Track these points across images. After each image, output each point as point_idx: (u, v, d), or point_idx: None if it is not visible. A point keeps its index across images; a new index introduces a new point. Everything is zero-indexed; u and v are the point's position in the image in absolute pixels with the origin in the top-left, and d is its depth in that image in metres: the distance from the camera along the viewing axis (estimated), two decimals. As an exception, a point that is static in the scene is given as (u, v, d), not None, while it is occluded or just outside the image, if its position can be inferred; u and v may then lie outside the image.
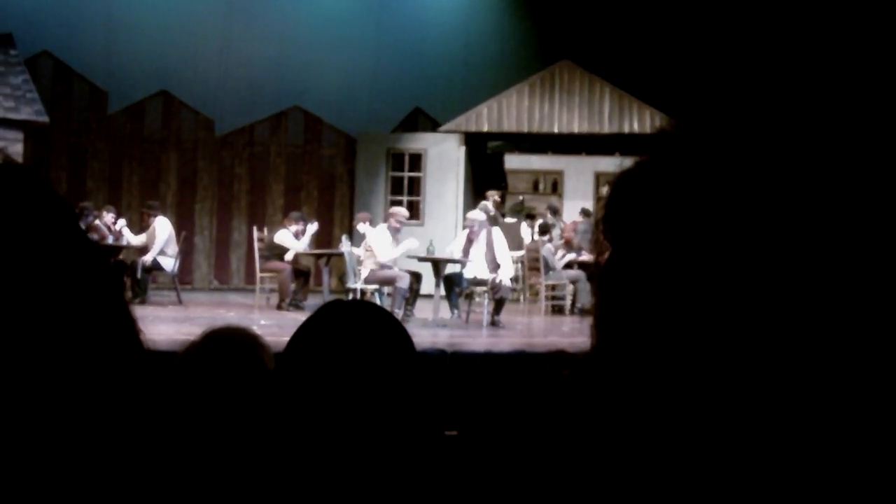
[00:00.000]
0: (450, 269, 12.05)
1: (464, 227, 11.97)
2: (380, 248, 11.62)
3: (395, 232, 11.73)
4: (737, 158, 0.72)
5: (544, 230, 13.92)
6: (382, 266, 11.64)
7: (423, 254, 12.19)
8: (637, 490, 0.71)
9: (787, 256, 0.68)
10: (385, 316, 1.63)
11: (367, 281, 11.67)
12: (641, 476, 0.71)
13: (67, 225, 0.73)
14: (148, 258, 13.15)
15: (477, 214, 12.31)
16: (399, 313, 11.16)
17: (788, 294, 0.68)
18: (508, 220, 15.84)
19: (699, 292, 0.70)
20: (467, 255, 11.78)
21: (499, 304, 11.57)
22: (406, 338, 1.60)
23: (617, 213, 0.78)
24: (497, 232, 12.02)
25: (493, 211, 15.73)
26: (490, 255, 11.65)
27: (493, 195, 16.42)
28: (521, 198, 17.08)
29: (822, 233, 0.68)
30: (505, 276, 11.58)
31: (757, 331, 0.68)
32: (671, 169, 0.75)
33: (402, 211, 12.35)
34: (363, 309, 1.65)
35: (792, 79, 0.77)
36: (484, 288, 11.86)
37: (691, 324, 0.70)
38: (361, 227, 12.77)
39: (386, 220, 11.97)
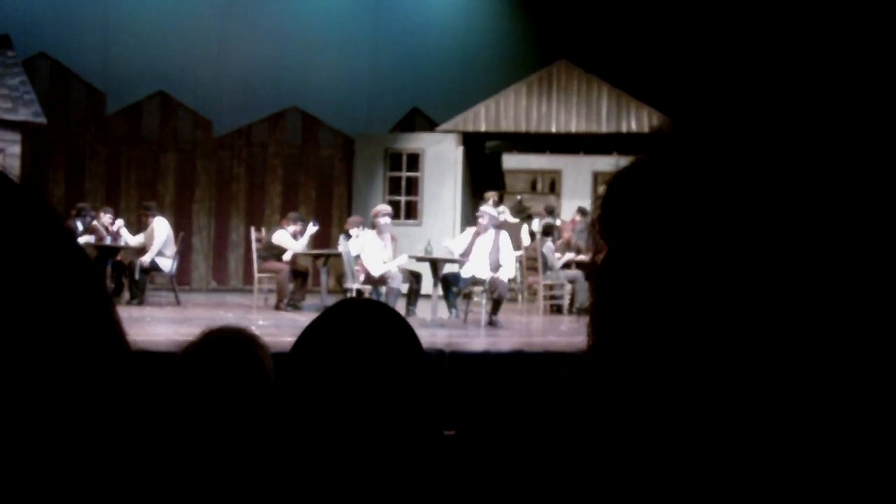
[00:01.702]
0: (447, 268, 12.04)
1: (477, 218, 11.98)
2: (371, 261, 11.60)
3: (382, 234, 11.74)
4: (733, 157, 0.72)
5: (548, 231, 13.92)
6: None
7: (421, 254, 12.19)
8: (634, 489, 0.71)
9: (784, 255, 0.68)
10: (395, 317, 1.65)
11: (364, 282, 11.68)
12: (638, 474, 0.71)
13: (52, 231, 0.73)
14: (146, 259, 13.14)
15: (490, 209, 12.37)
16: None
17: (785, 292, 0.68)
18: (512, 220, 15.85)
19: (695, 291, 0.70)
20: (471, 248, 11.76)
21: (496, 304, 11.56)
22: (415, 339, 1.62)
23: (613, 212, 0.78)
24: (504, 235, 12.03)
25: (503, 212, 15.71)
26: (494, 256, 11.65)
27: (493, 195, 16.44)
28: (518, 197, 17.08)
29: (820, 231, 0.68)
30: (505, 275, 11.58)
31: (753, 330, 0.68)
32: (667, 168, 0.75)
33: (383, 207, 12.30)
34: (376, 309, 1.67)
35: (788, 78, 0.77)
36: (481, 287, 11.86)
37: (687, 322, 0.70)
38: (355, 231, 12.76)
39: (373, 225, 11.94)
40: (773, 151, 0.71)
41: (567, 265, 13.51)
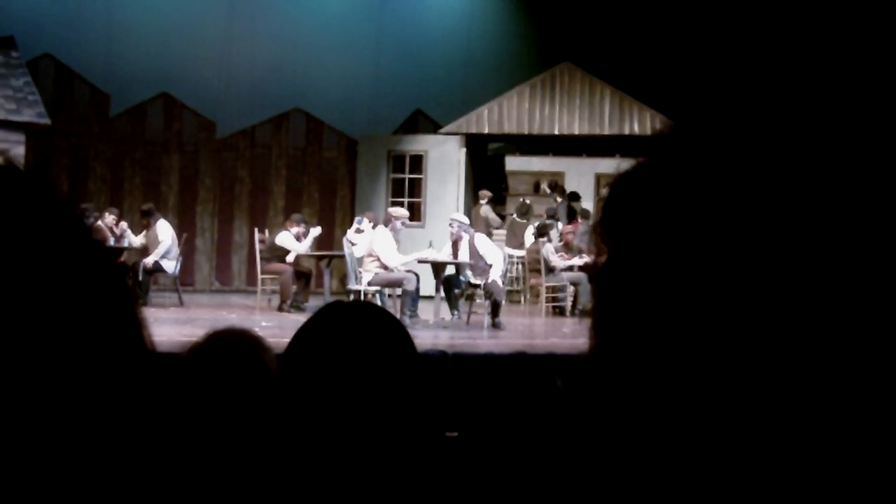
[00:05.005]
0: (448, 270, 12.04)
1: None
2: (385, 254, 11.53)
3: (396, 234, 11.71)
4: (734, 160, 0.73)
5: (542, 232, 13.92)
6: (384, 267, 11.59)
7: (424, 256, 12.18)
8: (636, 491, 0.71)
9: (786, 258, 0.68)
10: (385, 316, 1.63)
11: (371, 283, 11.61)
12: (640, 477, 0.71)
13: (71, 227, 0.74)
14: (149, 261, 13.14)
15: (458, 216, 12.36)
16: (407, 315, 11.13)
17: (787, 295, 0.68)
18: (518, 219, 15.83)
19: (696, 294, 0.71)
20: (456, 258, 11.77)
21: (495, 307, 11.55)
22: (406, 338, 1.60)
23: (614, 215, 0.78)
24: (481, 237, 12.02)
25: (500, 221, 15.67)
26: (479, 261, 11.62)
27: (486, 195, 16.43)
28: (523, 199, 17.05)
29: (822, 234, 0.68)
30: (495, 274, 11.54)
31: (755, 333, 0.68)
32: (668, 171, 0.76)
33: (403, 212, 12.31)
34: (363, 310, 1.65)
35: (791, 81, 0.77)
36: (479, 291, 11.87)
37: (689, 326, 0.71)
38: (366, 224, 12.79)
39: (387, 222, 11.90)
40: (775, 155, 0.72)
41: (569, 267, 13.50)
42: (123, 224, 13.84)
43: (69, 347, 0.67)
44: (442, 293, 11.85)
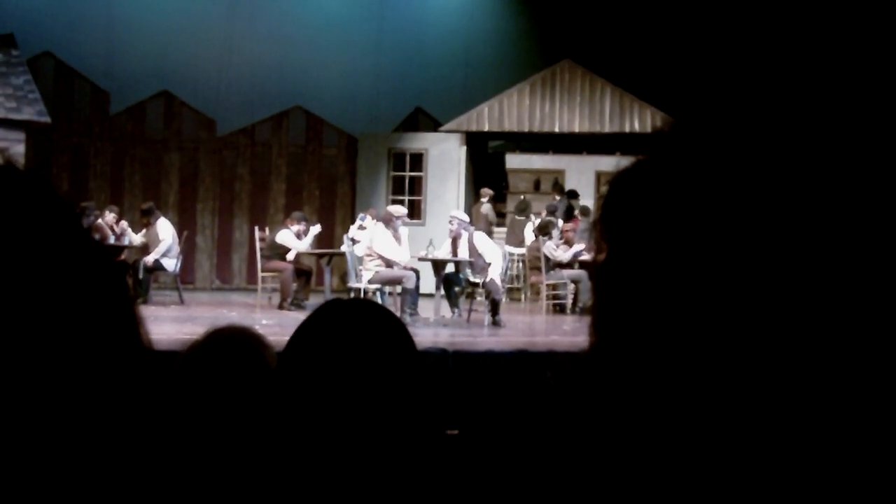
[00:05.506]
0: (448, 268, 12.04)
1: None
2: (387, 251, 11.51)
3: (395, 232, 11.70)
4: (734, 157, 0.73)
5: (544, 230, 13.91)
6: (388, 265, 11.59)
7: (423, 253, 12.17)
8: (636, 490, 0.71)
9: (785, 255, 0.68)
10: (384, 314, 1.63)
11: (372, 281, 11.60)
12: (640, 476, 0.71)
13: (69, 226, 0.74)
14: (150, 259, 13.15)
15: (458, 213, 12.36)
16: (407, 313, 11.13)
17: (786, 292, 0.68)
18: (517, 217, 15.84)
19: (695, 291, 0.71)
20: (456, 255, 11.77)
21: (494, 305, 11.56)
22: (406, 335, 1.60)
23: (614, 212, 0.78)
24: (480, 235, 12.01)
25: (496, 220, 15.66)
26: (478, 259, 11.61)
27: (488, 193, 16.43)
28: (523, 196, 17.05)
29: (821, 232, 0.68)
30: (493, 272, 11.54)
31: (753, 331, 0.68)
32: (668, 168, 0.76)
33: (402, 210, 12.30)
34: (362, 307, 1.66)
35: (790, 78, 0.77)
36: (479, 289, 11.88)
37: (688, 323, 0.71)
38: (369, 222, 12.77)
39: (386, 221, 11.87)
40: (773, 152, 0.72)
41: (570, 264, 13.49)
42: (124, 222, 13.83)
43: (66, 345, 0.67)
44: (442, 291, 11.85)
